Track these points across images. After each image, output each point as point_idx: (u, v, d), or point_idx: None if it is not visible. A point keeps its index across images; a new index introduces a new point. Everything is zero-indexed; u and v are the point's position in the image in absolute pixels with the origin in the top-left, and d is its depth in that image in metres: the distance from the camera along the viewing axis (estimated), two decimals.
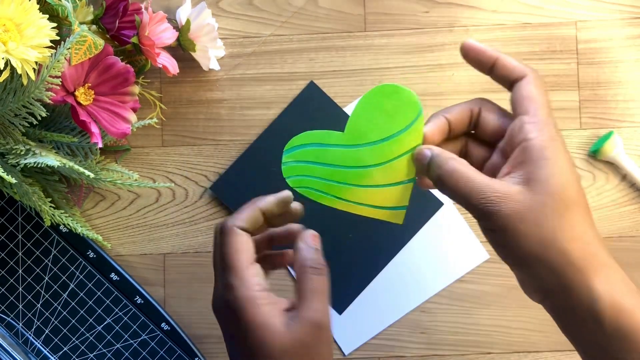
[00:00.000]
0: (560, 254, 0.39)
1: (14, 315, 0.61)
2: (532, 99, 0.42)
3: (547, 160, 0.40)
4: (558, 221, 0.39)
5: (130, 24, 0.58)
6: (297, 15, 0.63)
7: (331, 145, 0.47)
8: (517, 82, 0.43)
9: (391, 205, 0.47)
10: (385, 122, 0.46)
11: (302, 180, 0.47)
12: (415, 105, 0.45)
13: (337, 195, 0.48)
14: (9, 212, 0.62)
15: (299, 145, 0.47)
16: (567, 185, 0.40)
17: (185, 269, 0.63)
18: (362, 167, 0.47)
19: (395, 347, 0.62)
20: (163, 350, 0.61)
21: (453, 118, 0.45)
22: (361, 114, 0.46)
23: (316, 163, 0.47)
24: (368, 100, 0.46)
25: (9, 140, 0.54)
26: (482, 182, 0.41)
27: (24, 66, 0.47)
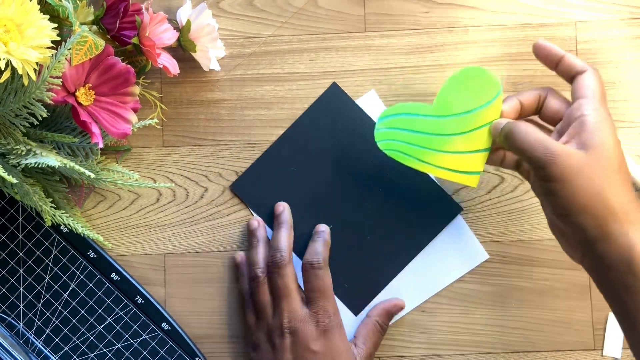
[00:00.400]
0: (605, 206, 0.47)
1: (14, 315, 0.61)
2: (590, 87, 0.51)
3: (600, 131, 0.48)
4: (606, 179, 0.47)
5: (131, 25, 0.58)
6: (297, 16, 0.64)
7: (421, 115, 0.54)
8: (579, 75, 0.52)
9: (469, 170, 0.54)
10: (470, 98, 0.53)
11: (391, 144, 0.55)
12: (496, 85, 0.53)
13: (421, 158, 0.55)
14: (10, 213, 0.62)
15: (392, 115, 0.55)
16: (616, 152, 0.48)
17: (186, 269, 0.63)
18: (446, 135, 0.54)
19: (395, 347, 0.62)
20: (163, 350, 0.61)
21: (525, 100, 0.54)
22: (449, 90, 0.54)
23: (405, 130, 0.55)
24: (456, 79, 0.54)
25: (9, 140, 0.54)
26: (546, 139, 0.49)
27: (25, 67, 0.48)
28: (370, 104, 0.63)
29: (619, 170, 0.48)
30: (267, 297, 0.59)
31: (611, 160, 0.48)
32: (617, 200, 0.47)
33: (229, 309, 0.62)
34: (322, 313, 0.56)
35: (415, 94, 0.63)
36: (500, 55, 0.63)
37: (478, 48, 0.63)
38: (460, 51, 0.63)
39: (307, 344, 0.55)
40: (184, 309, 0.63)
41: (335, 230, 0.62)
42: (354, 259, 0.62)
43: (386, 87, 0.63)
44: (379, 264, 0.62)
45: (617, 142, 0.49)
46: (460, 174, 0.54)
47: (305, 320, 0.56)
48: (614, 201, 0.47)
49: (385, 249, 0.62)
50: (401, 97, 0.63)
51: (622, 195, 0.47)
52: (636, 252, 0.45)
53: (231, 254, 0.63)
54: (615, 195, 0.47)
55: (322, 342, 0.56)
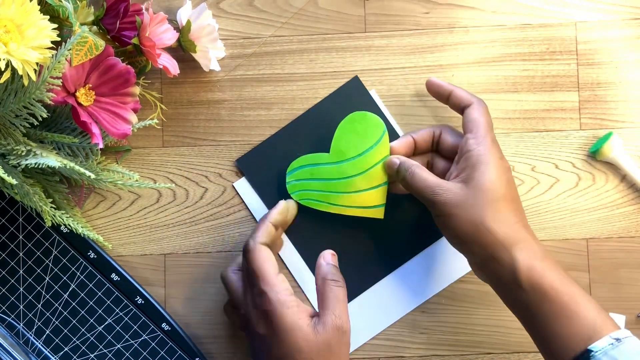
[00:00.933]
0: (487, 233, 0.52)
1: (14, 316, 0.61)
2: (474, 121, 0.56)
3: (481, 165, 0.53)
4: (485, 208, 0.52)
5: (131, 25, 0.58)
6: (298, 16, 0.64)
7: (321, 164, 0.60)
8: (466, 108, 0.57)
9: (373, 204, 0.60)
10: (360, 141, 0.59)
11: (303, 193, 0.60)
12: (380, 125, 0.59)
13: (331, 202, 0.60)
14: (10, 213, 0.62)
15: (297, 167, 0.60)
16: (496, 183, 0.53)
17: (186, 269, 0.63)
18: (347, 177, 0.59)
19: (395, 347, 0.62)
20: (164, 350, 0.61)
21: (418, 137, 0.59)
22: (340, 137, 0.59)
23: (312, 179, 0.60)
24: (344, 126, 0.59)
25: (10, 141, 0.54)
26: (433, 180, 0.55)
27: (25, 67, 0.48)
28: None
29: (502, 198, 0.52)
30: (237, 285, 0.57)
31: (491, 190, 0.52)
32: (498, 226, 0.52)
33: None
34: (258, 296, 0.53)
35: (415, 95, 0.63)
36: (500, 55, 0.63)
37: (478, 48, 0.63)
38: (461, 51, 0.63)
39: (255, 329, 0.53)
40: (184, 310, 0.63)
41: (329, 222, 0.62)
42: (346, 253, 0.62)
43: (386, 88, 0.63)
44: (372, 262, 0.62)
45: (498, 172, 0.53)
46: (367, 209, 0.60)
47: (249, 306, 0.54)
48: (496, 228, 0.52)
49: (381, 248, 0.62)
50: (401, 97, 0.63)
51: (504, 221, 0.52)
52: (519, 270, 0.51)
53: (231, 255, 0.63)
54: (496, 222, 0.52)
55: (267, 326, 0.52)
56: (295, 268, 0.62)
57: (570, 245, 0.63)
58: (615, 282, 0.62)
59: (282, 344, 0.51)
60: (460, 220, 0.53)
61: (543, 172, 0.63)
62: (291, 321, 0.51)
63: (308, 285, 0.62)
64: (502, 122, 0.63)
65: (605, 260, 0.62)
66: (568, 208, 0.63)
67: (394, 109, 0.63)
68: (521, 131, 0.63)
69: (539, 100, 0.63)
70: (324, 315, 0.52)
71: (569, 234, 0.63)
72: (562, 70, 0.63)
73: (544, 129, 0.63)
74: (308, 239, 0.62)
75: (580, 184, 0.63)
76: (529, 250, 0.51)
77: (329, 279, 0.54)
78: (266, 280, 0.53)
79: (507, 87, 0.63)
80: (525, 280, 0.51)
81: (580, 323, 0.49)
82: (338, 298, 0.53)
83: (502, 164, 0.54)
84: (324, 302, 0.53)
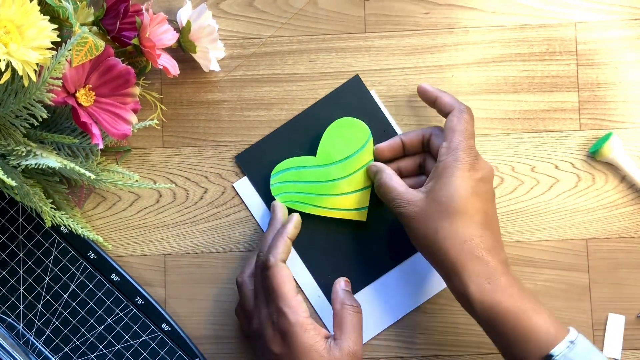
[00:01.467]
0: (438, 249, 0.52)
1: (14, 316, 0.61)
2: (450, 129, 0.56)
3: (443, 177, 0.54)
4: (440, 223, 0.52)
5: (131, 26, 0.58)
6: (298, 17, 0.64)
7: (307, 167, 0.61)
8: (448, 114, 0.57)
9: (356, 207, 0.61)
10: (346, 145, 0.61)
11: (288, 196, 0.61)
12: (366, 131, 0.61)
13: (315, 204, 0.61)
14: (10, 213, 0.62)
15: (283, 170, 0.61)
16: (453, 197, 0.53)
17: (186, 269, 0.63)
18: (332, 180, 0.61)
19: (395, 347, 0.62)
20: (164, 350, 0.61)
21: (407, 139, 0.60)
22: (327, 141, 0.61)
23: (297, 182, 0.61)
24: (331, 131, 0.61)
25: (10, 141, 0.54)
26: (399, 191, 0.56)
27: (25, 68, 0.48)
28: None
29: (458, 212, 0.52)
30: (250, 294, 0.58)
31: (448, 205, 0.52)
32: (449, 243, 0.52)
33: (228, 309, 0.62)
34: (275, 314, 0.54)
35: (415, 95, 0.63)
36: (500, 56, 0.63)
37: (478, 49, 0.63)
38: (460, 52, 0.63)
39: (269, 346, 0.54)
40: (184, 310, 0.63)
41: (327, 222, 0.62)
42: (341, 253, 0.62)
43: (386, 88, 0.63)
44: (368, 261, 0.62)
45: (459, 186, 0.53)
46: (351, 212, 0.61)
47: (264, 322, 0.55)
48: (446, 245, 0.52)
49: (377, 247, 0.62)
50: (401, 97, 0.63)
51: (455, 239, 0.52)
52: (470, 296, 0.52)
53: (231, 255, 0.63)
54: (447, 239, 0.52)
55: (282, 344, 0.53)
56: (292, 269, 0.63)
57: (570, 246, 0.63)
58: (615, 282, 0.62)
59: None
60: (417, 233, 0.54)
61: (543, 172, 0.63)
62: (308, 343, 0.52)
63: (302, 279, 0.62)
64: (502, 123, 0.63)
65: (605, 260, 0.62)
66: (568, 208, 0.63)
67: (393, 109, 0.63)
68: (521, 131, 0.63)
69: (539, 100, 0.63)
70: (341, 340, 0.54)
71: (568, 234, 0.63)
72: (562, 71, 0.63)
73: (543, 130, 0.63)
74: (302, 239, 0.62)
75: (580, 184, 0.63)
76: (478, 272, 0.52)
77: (347, 304, 0.56)
78: (287, 302, 0.53)
79: (507, 87, 0.63)
80: (477, 305, 0.52)
81: (537, 335, 0.51)
82: (354, 325, 0.55)
83: (469, 176, 0.54)
84: (342, 326, 0.55)
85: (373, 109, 0.63)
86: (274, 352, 0.53)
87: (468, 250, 0.52)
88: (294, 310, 0.53)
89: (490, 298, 0.51)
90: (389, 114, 0.63)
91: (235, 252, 0.63)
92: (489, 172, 0.55)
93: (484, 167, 0.55)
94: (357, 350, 0.54)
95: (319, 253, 0.62)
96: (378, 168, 0.59)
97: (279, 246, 0.56)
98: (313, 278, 0.62)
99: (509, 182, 0.63)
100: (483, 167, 0.55)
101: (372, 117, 0.63)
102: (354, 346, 0.54)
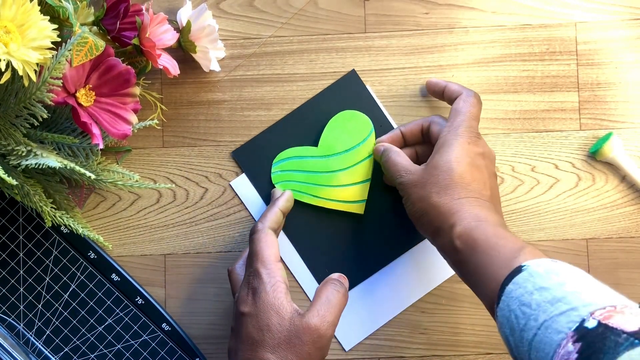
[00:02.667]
0: (433, 207, 0.54)
1: (15, 316, 0.61)
2: (455, 110, 0.58)
3: (443, 147, 0.55)
4: (435, 187, 0.54)
5: (131, 26, 0.58)
6: (298, 17, 0.64)
7: (308, 157, 0.62)
8: (455, 99, 0.59)
9: (355, 199, 0.62)
10: (348, 138, 0.62)
11: (288, 184, 0.62)
12: (368, 125, 0.62)
13: (314, 194, 0.62)
14: (10, 213, 0.62)
15: (284, 159, 0.62)
16: (451, 163, 0.54)
17: (186, 269, 0.63)
18: (332, 171, 0.62)
19: (395, 347, 0.62)
20: (164, 350, 0.61)
21: (407, 130, 0.61)
22: (330, 133, 0.62)
23: (297, 171, 0.62)
24: (334, 123, 0.62)
25: (10, 141, 0.54)
26: (402, 164, 0.57)
27: (26, 68, 0.48)
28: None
29: (455, 177, 0.54)
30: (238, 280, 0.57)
31: (444, 170, 0.54)
32: (442, 201, 0.53)
33: (228, 309, 0.63)
34: (252, 275, 0.53)
35: (415, 95, 0.63)
36: (500, 56, 0.63)
37: (478, 49, 0.63)
38: (460, 52, 0.63)
39: (239, 307, 0.52)
40: (184, 310, 0.63)
41: (325, 215, 0.62)
42: (339, 246, 0.62)
43: (386, 88, 0.63)
44: (365, 254, 0.62)
45: (462, 154, 0.55)
46: (349, 204, 0.62)
47: (241, 284, 0.54)
48: (441, 203, 0.53)
49: (375, 240, 0.63)
50: (401, 97, 0.63)
51: (447, 197, 0.53)
52: (455, 234, 0.52)
53: (231, 255, 0.63)
54: (441, 197, 0.54)
55: (251, 302, 0.52)
56: (291, 266, 0.63)
57: (570, 246, 0.63)
58: (615, 282, 0.62)
59: (257, 320, 0.51)
60: (414, 198, 0.55)
61: (543, 172, 0.63)
62: (274, 304, 0.51)
63: (299, 274, 0.63)
64: (502, 123, 0.63)
65: (605, 260, 0.62)
66: (568, 208, 0.63)
67: (393, 109, 0.63)
68: (521, 131, 0.63)
69: (539, 100, 0.63)
70: (308, 311, 0.51)
71: (569, 234, 0.63)
72: (562, 71, 0.63)
73: (543, 130, 0.63)
74: (300, 233, 0.62)
75: (580, 184, 0.63)
76: (464, 216, 0.52)
77: (331, 282, 0.54)
78: (264, 263, 0.53)
79: (507, 87, 0.63)
80: (459, 241, 0.51)
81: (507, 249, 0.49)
82: (330, 301, 0.52)
83: (469, 148, 0.55)
84: (315, 299, 0.52)
85: (369, 103, 0.63)
86: (241, 312, 0.52)
87: (462, 202, 0.53)
88: (270, 272, 0.52)
89: (470, 233, 0.51)
90: (384, 109, 0.63)
91: (235, 252, 0.63)
92: (490, 153, 0.57)
93: (485, 146, 0.56)
94: (320, 326, 0.50)
95: (316, 247, 0.62)
96: (385, 147, 0.60)
97: (268, 215, 0.56)
98: (310, 272, 0.62)
99: (509, 182, 0.63)
100: (484, 146, 0.56)
101: (368, 111, 0.63)
102: (319, 322, 0.51)
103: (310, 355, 0.50)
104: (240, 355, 0.51)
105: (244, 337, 0.51)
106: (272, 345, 0.50)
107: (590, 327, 0.40)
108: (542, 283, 0.45)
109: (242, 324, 0.52)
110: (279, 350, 0.50)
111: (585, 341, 0.39)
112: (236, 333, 0.52)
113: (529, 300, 0.44)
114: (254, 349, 0.50)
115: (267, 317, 0.51)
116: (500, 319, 0.47)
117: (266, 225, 0.55)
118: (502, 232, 0.51)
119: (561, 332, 0.41)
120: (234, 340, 0.53)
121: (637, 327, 0.38)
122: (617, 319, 0.39)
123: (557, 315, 0.42)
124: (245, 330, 0.51)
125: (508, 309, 0.46)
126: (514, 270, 0.47)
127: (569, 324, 0.41)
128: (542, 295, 0.44)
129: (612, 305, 0.41)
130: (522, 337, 0.44)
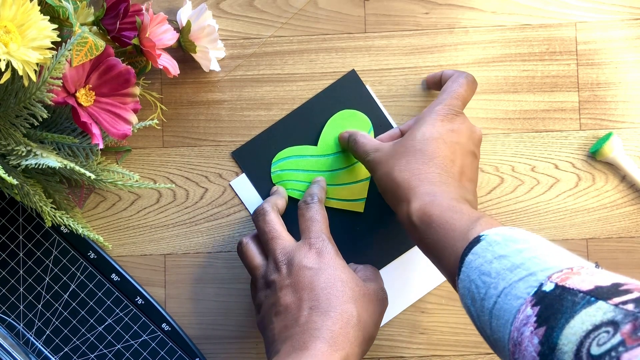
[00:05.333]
0: (393, 182, 0.53)
1: (14, 316, 0.61)
2: (443, 90, 0.58)
3: (414, 127, 0.55)
4: (397, 161, 0.54)
5: (131, 26, 0.58)
6: (298, 17, 0.64)
7: (307, 156, 0.62)
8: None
9: (354, 198, 0.62)
10: None
11: (287, 183, 0.62)
12: (367, 123, 0.62)
13: None
14: (10, 213, 0.62)
15: (283, 158, 0.62)
16: (417, 138, 0.54)
17: (186, 269, 0.63)
18: (331, 170, 0.62)
19: (395, 347, 0.62)
20: (164, 350, 0.61)
21: (405, 128, 0.60)
22: (329, 132, 0.62)
23: (297, 170, 0.62)
24: (334, 122, 0.62)
25: (10, 141, 0.54)
26: (369, 144, 0.58)
27: (25, 68, 0.48)
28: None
29: (414, 154, 0.54)
30: (256, 251, 0.57)
31: (409, 145, 0.54)
32: (402, 176, 0.53)
33: (228, 309, 0.63)
34: (314, 237, 0.54)
35: (415, 95, 0.63)
36: (500, 56, 0.63)
37: (478, 49, 0.63)
38: (460, 52, 0.63)
39: (302, 264, 0.53)
40: (184, 310, 0.63)
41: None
42: (338, 244, 0.61)
43: (386, 88, 0.63)
44: (364, 254, 0.62)
45: (432, 130, 0.54)
46: (348, 202, 0.62)
47: (298, 248, 0.54)
48: (400, 178, 0.53)
49: (374, 240, 0.63)
50: (401, 97, 0.63)
51: (407, 172, 0.53)
52: (412, 213, 0.51)
53: (231, 255, 0.63)
54: (400, 173, 0.53)
55: (317, 259, 0.53)
56: None
57: (570, 246, 0.63)
58: None
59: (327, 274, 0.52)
60: (378, 175, 0.55)
61: (543, 172, 0.63)
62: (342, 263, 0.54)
63: None
64: (502, 123, 0.63)
65: (605, 260, 0.62)
66: (568, 208, 0.63)
67: (393, 109, 0.63)
68: (521, 131, 0.63)
69: (539, 100, 0.63)
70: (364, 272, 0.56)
71: (569, 234, 0.63)
72: (562, 71, 0.63)
73: (543, 129, 0.63)
74: None
75: (580, 184, 0.63)
76: (422, 193, 0.51)
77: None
78: (326, 231, 0.56)
79: (507, 87, 0.63)
80: (415, 217, 0.51)
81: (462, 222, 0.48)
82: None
83: (440, 125, 0.54)
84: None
85: (369, 103, 0.63)
86: (307, 267, 0.53)
87: (417, 180, 0.52)
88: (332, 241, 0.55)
89: (427, 210, 0.50)
90: (384, 109, 0.63)
91: (235, 252, 0.63)
92: (466, 129, 0.55)
93: (462, 123, 0.55)
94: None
95: None
96: (350, 132, 0.61)
97: (278, 198, 0.59)
98: None
99: (509, 182, 0.63)
100: (461, 122, 0.55)
101: (368, 111, 0.63)
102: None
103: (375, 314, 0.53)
104: (307, 305, 0.51)
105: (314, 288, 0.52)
106: (351, 297, 0.52)
107: (547, 290, 0.39)
108: (501, 251, 0.44)
109: (306, 278, 0.52)
110: (358, 303, 0.52)
111: (543, 304, 0.39)
112: (294, 288, 0.52)
113: (488, 269, 0.44)
114: (330, 299, 0.51)
115: (340, 272, 0.53)
116: (462, 290, 0.46)
117: (277, 203, 0.58)
118: (457, 205, 0.50)
119: (520, 298, 0.41)
120: (292, 295, 0.52)
121: (593, 286, 0.38)
122: (573, 279, 0.39)
123: (516, 281, 0.42)
124: (313, 284, 0.52)
125: (468, 279, 0.45)
126: (473, 241, 0.46)
127: (528, 289, 0.41)
128: (501, 263, 0.43)
129: (569, 268, 0.41)
130: (483, 307, 0.44)
